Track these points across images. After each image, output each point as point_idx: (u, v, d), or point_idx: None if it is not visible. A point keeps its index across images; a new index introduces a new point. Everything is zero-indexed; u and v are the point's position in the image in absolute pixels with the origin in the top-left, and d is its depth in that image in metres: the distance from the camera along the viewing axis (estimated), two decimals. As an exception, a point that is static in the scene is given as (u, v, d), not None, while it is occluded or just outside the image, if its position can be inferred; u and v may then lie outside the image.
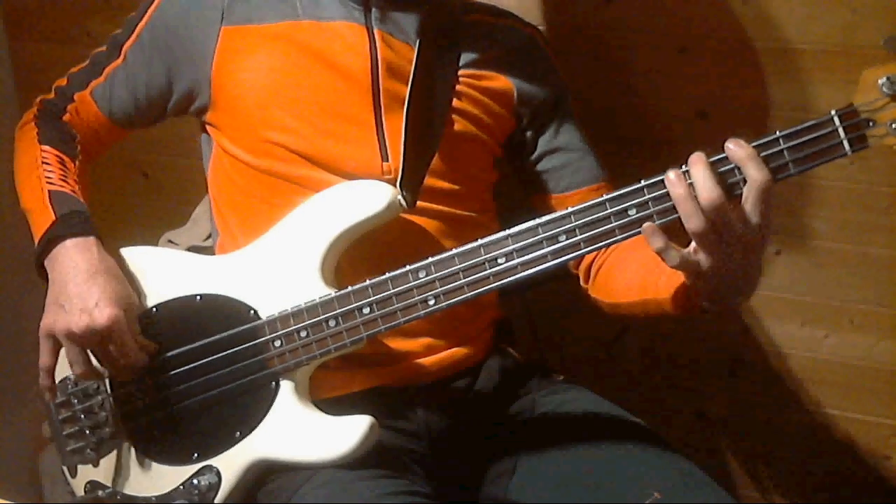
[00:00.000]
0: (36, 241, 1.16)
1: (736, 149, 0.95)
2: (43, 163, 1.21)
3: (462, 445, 1.23)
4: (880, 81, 0.93)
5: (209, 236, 1.43)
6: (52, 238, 1.14)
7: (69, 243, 1.13)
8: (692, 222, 0.95)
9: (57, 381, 1.18)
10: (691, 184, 0.95)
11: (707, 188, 0.94)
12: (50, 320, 1.12)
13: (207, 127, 1.26)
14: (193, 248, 1.46)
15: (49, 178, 1.20)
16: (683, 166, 0.97)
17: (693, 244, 0.97)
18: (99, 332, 1.09)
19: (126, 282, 1.16)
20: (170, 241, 1.54)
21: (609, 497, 1.11)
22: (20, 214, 1.22)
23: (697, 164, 0.95)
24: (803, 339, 1.57)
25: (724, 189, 0.94)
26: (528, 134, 1.28)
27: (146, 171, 1.91)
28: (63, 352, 1.13)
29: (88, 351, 1.12)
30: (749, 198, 0.94)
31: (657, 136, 1.53)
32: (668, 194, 0.97)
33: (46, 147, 1.24)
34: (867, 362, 1.54)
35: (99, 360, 1.13)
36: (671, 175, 0.96)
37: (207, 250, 1.38)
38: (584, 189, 1.28)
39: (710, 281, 0.99)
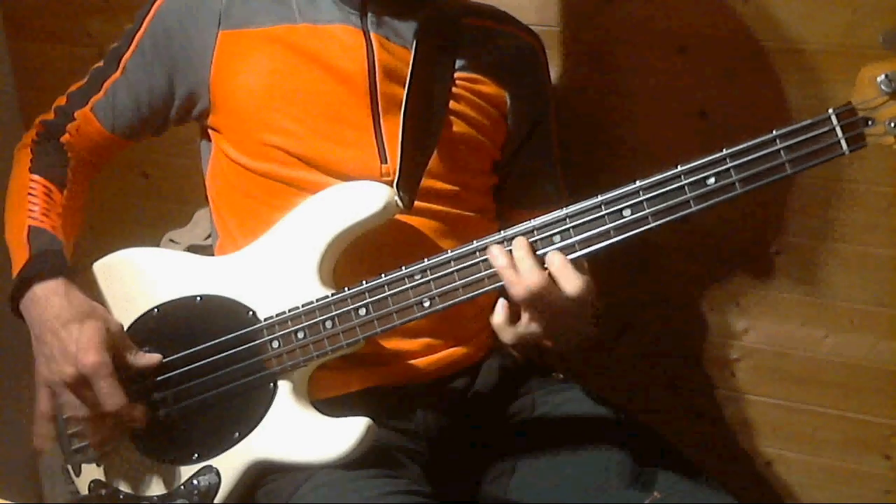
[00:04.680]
0: (13, 277, 1.15)
1: (552, 258, 0.99)
2: (29, 194, 1.21)
3: (461, 445, 1.23)
4: (879, 79, 0.92)
5: (209, 236, 1.43)
6: (24, 280, 1.13)
7: (37, 289, 1.12)
8: (515, 290, 1.00)
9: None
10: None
11: (527, 274, 0.99)
12: (43, 371, 1.12)
13: (208, 130, 1.26)
14: (193, 248, 1.46)
15: (32, 211, 1.19)
16: (679, 166, 0.97)
17: (524, 313, 1.02)
18: (87, 377, 1.08)
19: (101, 313, 1.13)
20: (171, 241, 1.54)
21: (609, 497, 1.11)
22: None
23: (519, 250, 1.00)
24: (803, 339, 1.57)
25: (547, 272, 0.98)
26: (509, 143, 1.27)
27: (146, 171, 1.91)
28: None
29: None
30: (569, 305, 0.99)
31: (657, 136, 1.53)
32: (664, 195, 0.97)
33: (36, 176, 1.23)
34: (867, 362, 1.54)
35: (92, 407, 1.11)
36: (493, 250, 1.01)
37: (207, 250, 1.38)
38: (534, 213, 1.27)
39: (547, 336, 1.03)
